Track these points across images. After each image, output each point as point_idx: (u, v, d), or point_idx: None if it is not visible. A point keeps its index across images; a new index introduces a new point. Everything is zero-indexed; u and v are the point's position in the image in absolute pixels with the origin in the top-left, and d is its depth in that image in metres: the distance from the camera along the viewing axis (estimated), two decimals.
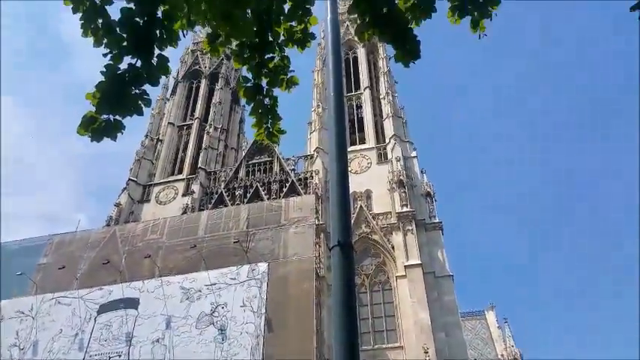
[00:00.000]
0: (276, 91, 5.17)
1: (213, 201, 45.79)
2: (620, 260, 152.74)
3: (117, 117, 4.01)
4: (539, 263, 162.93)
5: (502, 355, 62.03)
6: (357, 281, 36.46)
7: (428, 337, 33.38)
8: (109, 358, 30.11)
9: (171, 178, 51.32)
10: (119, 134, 4.07)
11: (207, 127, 54.27)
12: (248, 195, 45.10)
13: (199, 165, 49.82)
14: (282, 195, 43.44)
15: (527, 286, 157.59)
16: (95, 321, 32.30)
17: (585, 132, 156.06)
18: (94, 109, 3.96)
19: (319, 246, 36.71)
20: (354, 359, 3.62)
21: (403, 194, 40.65)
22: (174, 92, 59.80)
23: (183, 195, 48.07)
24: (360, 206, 41.29)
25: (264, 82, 5.04)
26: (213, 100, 57.54)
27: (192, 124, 56.48)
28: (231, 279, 32.93)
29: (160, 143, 54.59)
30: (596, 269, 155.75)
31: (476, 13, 4.65)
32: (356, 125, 50.57)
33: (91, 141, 4.03)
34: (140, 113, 4.11)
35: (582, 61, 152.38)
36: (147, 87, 4.16)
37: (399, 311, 36.30)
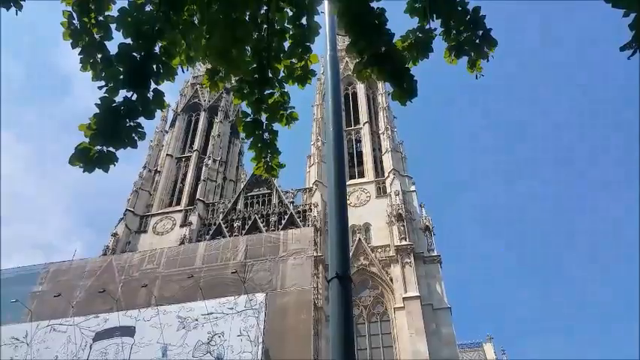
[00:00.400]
0: (276, 125, 5.17)
1: (211, 232, 45.73)
2: (621, 278, 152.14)
3: (110, 149, 4.01)
4: (538, 292, 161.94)
5: None
6: (355, 312, 36.29)
7: None
8: None
9: (168, 209, 51.29)
10: (112, 166, 4.06)
11: (206, 159, 54.56)
12: (246, 227, 45.09)
13: (197, 196, 49.89)
14: (280, 227, 43.48)
15: (527, 317, 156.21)
16: (91, 348, 31.96)
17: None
18: (87, 139, 3.97)
19: (317, 277, 36.66)
20: None
21: (402, 228, 40.85)
22: (172, 125, 60.28)
23: (181, 226, 48.00)
24: (359, 239, 41.41)
25: (263, 117, 5.04)
26: (212, 133, 58.06)
27: (190, 156, 56.79)
28: (229, 309, 32.74)
29: (158, 174, 54.73)
30: (596, 294, 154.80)
31: (472, 54, 4.67)
32: (355, 159, 51.14)
33: (83, 172, 3.99)
34: (134, 146, 4.09)
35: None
36: (144, 119, 4.17)
37: (397, 342, 36.12)
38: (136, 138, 4.08)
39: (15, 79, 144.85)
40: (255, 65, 4.79)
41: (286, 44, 4.88)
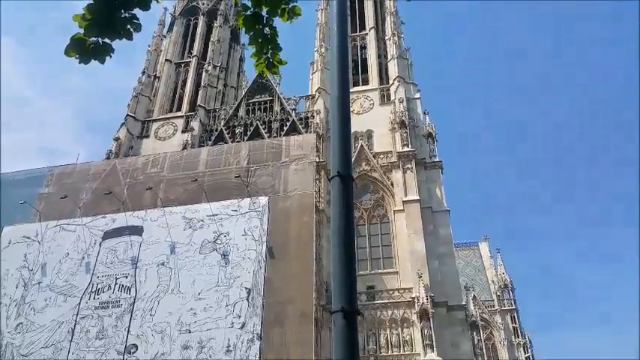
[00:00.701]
0: (278, 25, 4.95)
1: (213, 138, 45.90)
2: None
3: (105, 40, 3.95)
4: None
5: (493, 281, 65.23)
6: (355, 215, 37.21)
7: (422, 265, 34.84)
8: (116, 279, 31.04)
9: (169, 115, 51.14)
10: (107, 57, 4.01)
11: (206, 65, 53.60)
12: (248, 133, 45.17)
13: (198, 103, 49.60)
14: (282, 134, 43.48)
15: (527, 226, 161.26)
16: (100, 246, 33.11)
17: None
18: (82, 31, 3.88)
19: (319, 182, 37.17)
20: (351, 282, 3.72)
21: (404, 134, 40.96)
22: (170, 29, 58.70)
23: (183, 131, 48.12)
24: (361, 145, 41.67)
25: (264, 11, 4.83)
26: (211, 38, 56.60)
27: (190, 61, 55.70)
28: (233, 211, 33.51)
29: (157, 80, 54.09)
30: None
31: None
32: (359, 66, 50.23)
33: (79, 62, 3.93)
34: (129, 38, 4.02)
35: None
36: (139, 10, 4.08)
37: (396, 241, 37.63)
38: (131, 29, 4.01)
39: None
40: None
41: None
